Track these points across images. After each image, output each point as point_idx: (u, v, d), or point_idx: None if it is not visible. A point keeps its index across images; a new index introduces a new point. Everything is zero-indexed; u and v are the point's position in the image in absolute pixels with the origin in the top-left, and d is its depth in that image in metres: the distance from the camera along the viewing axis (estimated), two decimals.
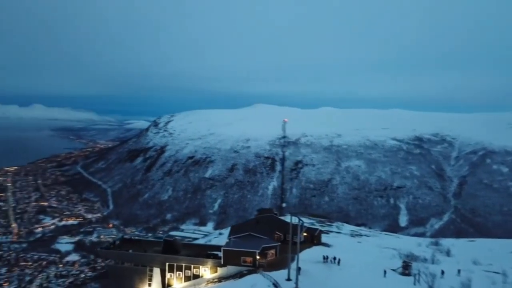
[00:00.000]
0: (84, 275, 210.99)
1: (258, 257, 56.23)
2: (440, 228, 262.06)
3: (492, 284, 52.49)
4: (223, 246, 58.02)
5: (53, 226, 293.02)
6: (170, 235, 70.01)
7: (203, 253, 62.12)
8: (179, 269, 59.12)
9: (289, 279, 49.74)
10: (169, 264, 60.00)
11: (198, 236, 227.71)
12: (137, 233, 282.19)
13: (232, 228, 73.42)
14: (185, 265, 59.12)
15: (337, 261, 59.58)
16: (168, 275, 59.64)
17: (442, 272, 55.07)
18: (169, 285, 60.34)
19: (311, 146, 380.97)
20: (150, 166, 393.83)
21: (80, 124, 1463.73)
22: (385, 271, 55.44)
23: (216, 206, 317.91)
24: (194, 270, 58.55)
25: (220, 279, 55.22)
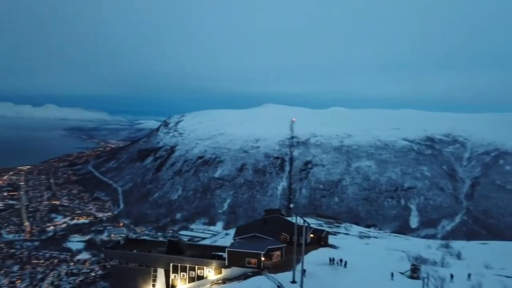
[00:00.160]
0: (94, 274, 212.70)
1: (263, 258, 55.54)
2: (451, 229, 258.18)
3: None
4: (228, 247, 57.53)
5: (64, 225, 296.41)
6: (175, 236, 69.61)
7: (208, 253, 61.68)
8: (183, 270, 58.69)
9: (294, 282, 49.09)
10: (173, 264, 59.60)
11: (206, 236, 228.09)
12: (147, 232, 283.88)
13: (237, 228, 72.82)
14: (189, 266, 58.67)
15: (343, 263, 58.66)
16: (172, 276, 59.19)
17: (451, 276, 53.71)
18: (173, 286, 59.93)
19: (321, 146, 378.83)
20: (160, 166, 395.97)
21: (91, 124, 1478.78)
22: (392, 274, 54.41)
23: (225, 206, 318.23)
24: (198, 271, 58.10)
25: (224, 281, 54.66)
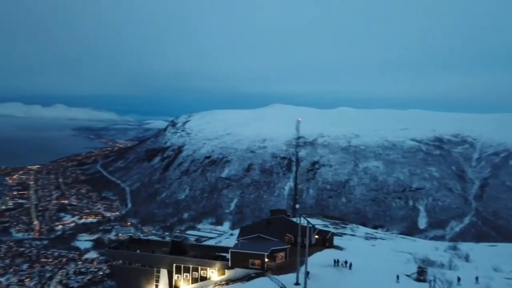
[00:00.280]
0: (102, 273, 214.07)
1: (266, 259, 55.02)
2: (460, 231, 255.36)
3: None
4: (231, 248, 57.21)
5: (73, 224, 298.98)
6: (178, 236, 69.20)
7: (211, 254, 61.42)
8: (186, 270, 58.38)
9: (297, 284, 48.65)
10: (176, 265, 59.34)
11: (213, 235, 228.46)
12: (154, 232, 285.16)
13: (241, 229, 72.33)
14: (192, 266, 58.36)
15: (348, 265, 57.99)
16: (175, 277, 58.86)
17: (459, 279, 52.72)
18: (176, 286, 59.61)
19: (328, 147, 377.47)
20: (167, 166, 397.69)
21: (100, 124, 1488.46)
22: (398, 277, 53.58)
23: (232, 206, 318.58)
24: (202, 272, 57.68)
25: (227, 282, 54.25)
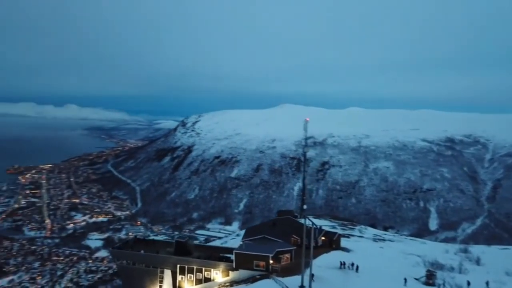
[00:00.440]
0: (112, 271, 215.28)
1: (271, 261, 54.33)
2: (472, 232, 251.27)
3: None
4: (235, 249, 56.71)
5: (84, 223, 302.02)
6: (182, 236, 68.73)
7: (216, 255, 60.96)
8: (190, 271, 57.95)
9: (302, 286, 47.98)
10: (180, 266, 59.00)
11: (222, 235, 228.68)
12: (163, 231, 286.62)
13: (247, 230, 71.76)
14: (196, 267, 57.98)
15: (355, 267, 57.09)
16: (179, 277, 58.44)
17: (468, 283, 51.42)
18: (180, 287, 59.34)
19: (338, 147, 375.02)
20: (177, 166, 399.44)
21: (111, 123, 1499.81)
22: (405, 280, 52.46)
23: (241, 205, 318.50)
24: (206, 273, 57.25)
25: (231, 283, 53.74)
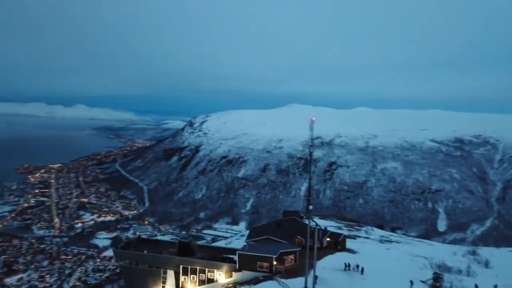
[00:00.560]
0: (119, 270, 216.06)
1: (275, 262, 53.83)
2: (481, 234, 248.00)
3: None
4: (239, 250, 56.29)
5: (92, 222, 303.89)
6: (185, 237, 68.40)
7: (219, 256, 60.57)
8: (194, 272, 57.65)
9: None
10: (183, 266, 58.69)
11: (228, 235, 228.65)
12: (171, 230, 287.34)
13: (251, 231, 71.31)
14: (199, 268, 57.65)
15: (360, 269, 56.36)
16: (182, 278, 58.16)
17: (476, 286, 50.46)
18: None
19: (346, 147, 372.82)
20: (185, 165, 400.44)
21: (119, 123, 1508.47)
22: (412, 282, 51.60)
23: (248, 205, 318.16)
24: (209, 273, 56.90)
25: (235, 285, 53.32)
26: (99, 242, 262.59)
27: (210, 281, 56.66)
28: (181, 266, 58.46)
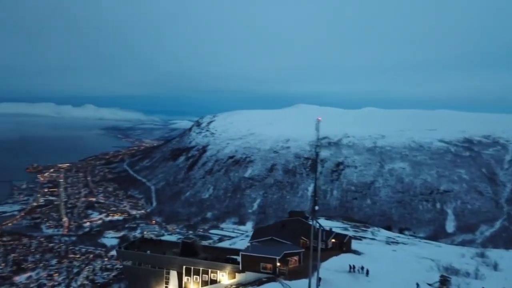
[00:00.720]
0: None
1: (278, 264, 53.36)
2: (491, 235, 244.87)
3: None
4: (242, 251, 55.89)
5: (100, 221, 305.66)
6: (188, 237, 68.12)
7: (222, 257, 60.11)
8: (196, 273, 57.28)
9: None
10: (186, 267, 58.38)
11: (235, 235, 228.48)
12: (178, 230, 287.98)
13: (255, 231, 70.90)
14: (202, 269, 57.29)
15: (365, 271, 55.74)
16: (185, 279, 57.91)
17: None
18: None
19: (353, 147, 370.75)
20: (192, 165, 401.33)
21: (127, 123, 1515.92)
22: (418, 285, 50.87)
23: (255, 205, 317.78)
24: (212, 274, 56.55)
25: (238, 286, 53.02)
26: (107, 241, 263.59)
27: (213, 282, 56.29)
28: (184, 267, 58.14)
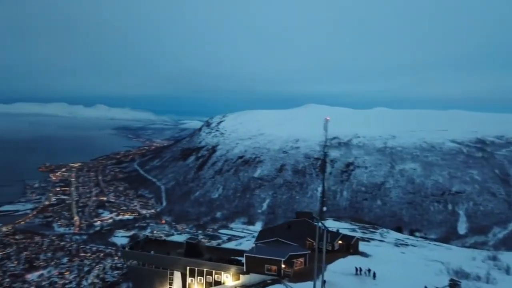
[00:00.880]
0: None
1: (283, 265, 52.69)
2: (504, 237, 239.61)
3: None
4: (246, 252, 55.34)
5: (110, 220, 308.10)
6: (193, 237, 67.76)
7: (227, 258, 59.62)
8: (200, 274, 56.87)
9: None
10: (190, 268, 57.94)
11: (244, 235, 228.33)
12: (187, 230, 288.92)
13: (260, 232, 70.30)
14: (206, 270, 56.82)
15: (371, 274, 54.78)
16: (189, 280, 57.46)
17: None
18: None
19: (364, 148, 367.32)
20: (202, 165, 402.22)
21: (138, 123, 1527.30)
22: None
23: (264, 206, 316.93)
24: (216, 276, 56.03)
25: None
26: (117, 240, 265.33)
27: (217, 283, 55.75)
28: (188, 268, 57.68)
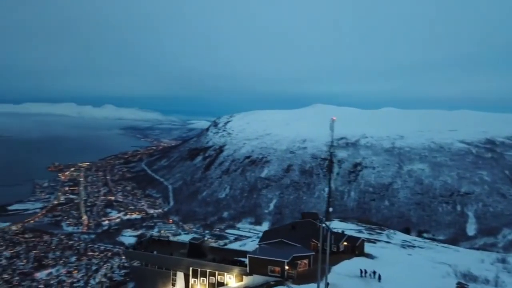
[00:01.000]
0: None
1: (287, 267, 52.13)
2: None
3: None
4: (249, 253, 54.90)
5: (118, 220, 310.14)
6: (196, 238, 67.55)
7: (230, 259, 59.22)
8: (203, 275, 56.56)
9: None
10: (193, 268, 57.61)
11: (251, 235, 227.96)
12: (194, 229, 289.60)
13: (264, 233, 69.82)
14: (209, 271, 56.50)
15: (377, 276, 54.04)
16: (192, 280, 57.18)
17: None
18: None
19: (371, 148, 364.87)
20: (209, 165, 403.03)
21: (146, 123, 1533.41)
22: None
23: (271, 206, 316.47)
24: (219, 277, 55.69)
25: None
26: (125, 239, 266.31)
27: (220, 284, 55.36)
28: (190, 268, 57.33)
